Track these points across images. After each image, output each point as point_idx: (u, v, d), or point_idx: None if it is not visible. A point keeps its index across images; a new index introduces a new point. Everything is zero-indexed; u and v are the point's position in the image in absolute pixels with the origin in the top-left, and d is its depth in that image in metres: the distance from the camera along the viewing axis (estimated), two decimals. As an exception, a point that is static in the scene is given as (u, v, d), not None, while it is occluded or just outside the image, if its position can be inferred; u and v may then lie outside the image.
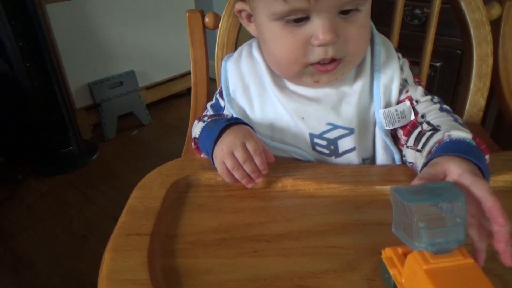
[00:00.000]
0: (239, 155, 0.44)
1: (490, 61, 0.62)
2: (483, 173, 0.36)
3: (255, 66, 0.53)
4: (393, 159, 0.52)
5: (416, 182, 0.34)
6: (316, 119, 0.51)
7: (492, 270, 0.32)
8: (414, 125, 0.49)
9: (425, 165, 0.39)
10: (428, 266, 0.28)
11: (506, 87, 0.63)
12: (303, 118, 0.51)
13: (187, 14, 0.65)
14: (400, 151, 0.51)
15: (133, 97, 2.14)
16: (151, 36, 2.15)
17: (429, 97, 0.51)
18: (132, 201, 0.43)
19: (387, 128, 0.51)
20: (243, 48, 0.56)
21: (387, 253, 0.33)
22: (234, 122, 0.48)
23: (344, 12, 0.44)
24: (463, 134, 0.41)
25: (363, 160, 0.53)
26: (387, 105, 0.51)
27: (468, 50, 0.63)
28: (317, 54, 0.45)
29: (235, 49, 0.62)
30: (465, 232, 0.29)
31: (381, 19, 0.62)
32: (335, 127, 0.51)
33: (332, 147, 0.52)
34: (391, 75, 0.51)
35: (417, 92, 0.51)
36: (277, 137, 0.53)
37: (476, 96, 0.64)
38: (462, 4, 0.61)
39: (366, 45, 0.50)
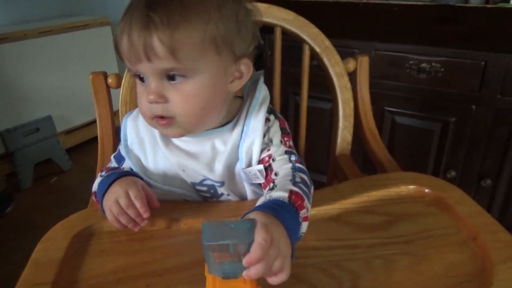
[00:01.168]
0: (122, 201, 0.50)
1: (351, 104, 0.77)
2: (284, 224, 0.42)
3: (145, 125, 0.60)
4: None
5: None
6: (194, 172, 0.58)
7: None
8: (269, 181, 0.54)
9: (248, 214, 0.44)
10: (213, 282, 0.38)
11: (365, 125, 0.78)
12: (183, 170, 0.58)
13: (90, 76, 0.72)
14: None
15: (51, 143, 2.08)
16: (68, 80, 2.14)
17: (287, 156, 0.56)
18: (36, 255, 0.47)
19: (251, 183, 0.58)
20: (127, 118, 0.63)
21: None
22: (125, 174, 0.55)
23: (170, 78, 0.49)
24: (280, 194, 0.47)
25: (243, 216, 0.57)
26: (249, 164, 0.57)
27: (335, 97, 0.77)
28: (153, 109, 0.51)
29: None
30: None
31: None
32: (210, 180, 0.59)
33: (212, 191, 0.60)
34: (253, 138, 0.56)
35: (278, 151, 0.56)
36: (168, 182, 0.59)
37: (344, 133, 0.78)
38: (325, 60, 0.76)
39: (198, 112, 0.52)
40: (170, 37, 0.46)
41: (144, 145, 0.60)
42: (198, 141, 0.57)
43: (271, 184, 0.52)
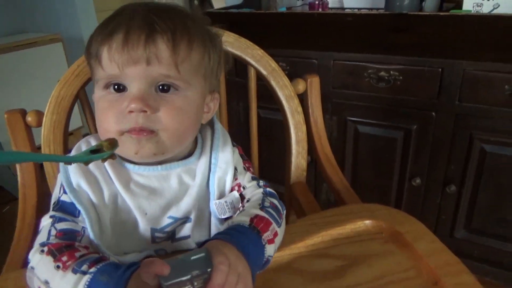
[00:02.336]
0: None
1: (304, 128, 0.72)
2: (239, 248, 0.43)
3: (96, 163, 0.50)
4: None
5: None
6: (157, 213, 0.51)
7: None
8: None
9: (202, 244, 0.45)
10: None
11: (320, 150, 0.74)
12: (145, 214, 0.51)
13: (5, 116, 0.64)
14: None
15: (1, 170, 1.95)
16: (17, 101, 2.01)
17: (255, 182, 0.57)
18: None
19: (220, 217, 0.54)
20: (81, 145, 0.53)
21: None
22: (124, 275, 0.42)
23: (163, 90, 0.47)
24: (242, 218, 0.48)
25: (197, 244, 0.53)
26: (221, 195, 0.55)
27: (285, 121, 0.72)
28: (129, 121, 0.46)
29: (64, 146, 0.62)
30: None
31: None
32: (175, 220, 0.53)
33: (170, 234, 0.54)
34: (225, 169, 0.55)
35: (245, 178, 0.56)
36: (124, 247, 0.51)
37: (298, 159, 0.73)
38: (273, 83, 0.71)
39: (182, 130, 0.49)
40: (176, 46, 0.46)
41: (101, 186, 0.50)
42: (162, 176, 0.52)
43: (238, 211, 0.53)
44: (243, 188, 0.56)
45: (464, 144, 1.25)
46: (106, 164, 0.51)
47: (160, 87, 0.47)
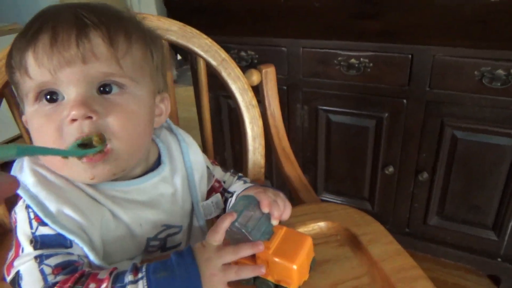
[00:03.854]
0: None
1: (260, 122, 0.67)
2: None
3: (67, 182, 0.45)
4: None
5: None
6: (153, 223, 0.49)
7: None
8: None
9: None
10: (270, 249, 0.43)
11: (278, 144, 0.69)
12: (140, 225, 0.48)
13: None
14: None
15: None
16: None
17: (228, 173, 0.60)
18: None
19: (207, 218, 0.55)
20: (32, 168, 0.44)
21: None
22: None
23: (103, 90, 0.42)
24: (247, 184, 0.56)
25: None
26: (203, 197, 0.55)
27: (240, 115, 0.68)
28: (72, 133, 0.40)
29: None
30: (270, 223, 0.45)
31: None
32: (169, 227, 0.51)
33: (162, 243, 0.52)
34: (202, 171, 0.55)
35: (218, 172, 0.60)
36: (115, 257, 0.47)
37: (255, 156, 0.68)
38: (224, 75, 0.66)
39: (136, 135, 0.45)
40: (113, 39, 0.41)
41: (83, 211, 0.43)
42: (146, 188, 0.49)
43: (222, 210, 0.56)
44: (224, 182, 0.59)
45: (435, 131, 1.23)
46: (82, 184, 0.45)
47: (102, 88, 0.42)
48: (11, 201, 0.44)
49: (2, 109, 0.79)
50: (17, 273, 0.40)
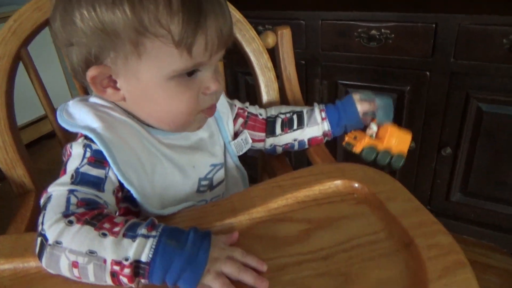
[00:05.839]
0: (235, 269, 0.39)
1: (275, 86, 0.66)
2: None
3: (130, 129, 0.49)
4: (243, 176, 0.64)
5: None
6: (204, 164, 0.56)
7: None
8: (262, 121, 0.64)
9: (339, 118, 0.64)
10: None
11: (294, 109, 0.68)
12: (193, 167, 0.54)
13: None
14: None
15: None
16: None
17: (247, 103, 0.66)
18: None
19: (238, 155, 0.62)
20: (96, 114, 0.48)
21: (350, 136, 0.62)
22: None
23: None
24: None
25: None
26: (231, 136, 0.62)
27: (255, 78, 0.66)
28: (208, 101, 0.50)
29: (8, 112, 0.57)
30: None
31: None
32: (214, 165, 0.58)
33: (210, 182, 0.57)
34: (227, 112, 0.61)
35: (238, 102, 0.64)
36: (167, 202, 0.50)
37: (270, 121, 0.67)
38: (238, 36, 0.64)
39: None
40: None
41: (139, 157, 0.48)
42: (187, 134, 0.55)
43: (281, 116, 0.65)
44: (246, 107, 0.65)
45: (459, 104, 1.19)
46: (143, 133, 0.50)
47: None
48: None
49: (25, 90, 0.81)
50: (49, 197, 0.42)
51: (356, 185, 0.49)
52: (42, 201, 0.42)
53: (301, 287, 0.37)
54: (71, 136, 0.54)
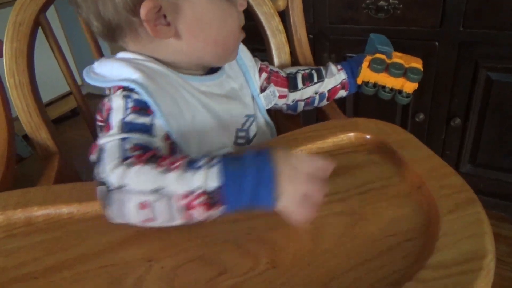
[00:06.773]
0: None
1: (287, 48, 0.67)
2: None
3: (167, 79, 0.50)
4: (271, 131, 0.64)
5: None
6: (240, 113, 0.56)
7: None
8: (284, 78, 0.66)
9: (353, 68, 0.68)
10: None
11: (305, 71, 0.69)
12: (231, 116, 0.55)
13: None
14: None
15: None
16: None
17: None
18: None
19: (267, 107, 0.62)
20: (133, 66, 0.47)
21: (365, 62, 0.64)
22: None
23: None
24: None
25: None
26: (259, 89, 0.62)
27: (267, 42, 0.67)
28: (241, 20, 0.52)
29: (30, 76, 0.59)
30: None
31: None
32: (249, 117, 0.58)
33: (247, 134, 0.58)
34: (252, 65, 0.61)
35: (259, 61, 0.65)
36: (204, 144, 0.51)
37: (282, 84, 0.68)
38: (249, -1, 0.65)
39: None
40: None
41: (179, 105, 0.49)
42: (221, 83, 0.56)
43: (301, 72, 0.67)
44: (268, 63, 0.66)
45: (468, 74, 1.19)
46: (179, 82, 0.51)
47: None
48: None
49: (52, 68, 0.81)
50: (101, 149, 0.41)
51: (369, 136, 0.50)
52: (94, 155, 0.42)
53: (319, 225, 0.39)
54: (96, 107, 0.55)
